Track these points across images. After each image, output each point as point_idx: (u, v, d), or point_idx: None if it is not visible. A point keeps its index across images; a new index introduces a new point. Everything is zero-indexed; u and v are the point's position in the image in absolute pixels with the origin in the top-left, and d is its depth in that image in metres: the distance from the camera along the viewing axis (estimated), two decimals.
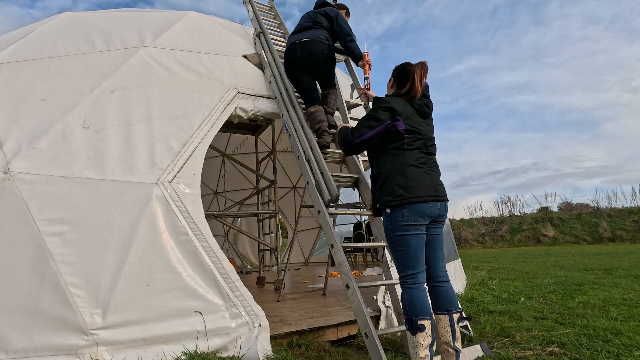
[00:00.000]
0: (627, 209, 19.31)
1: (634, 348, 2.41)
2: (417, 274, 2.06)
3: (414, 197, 2.07)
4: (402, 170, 2.14)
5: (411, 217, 2.06)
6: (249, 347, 2.42)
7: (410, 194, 2.07)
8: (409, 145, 2.17)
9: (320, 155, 2.94)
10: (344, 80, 4.51)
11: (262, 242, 6.18)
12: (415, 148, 2.18)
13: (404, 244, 2.07)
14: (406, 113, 2.20)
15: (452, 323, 2.10)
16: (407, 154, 2.17)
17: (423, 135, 2.22)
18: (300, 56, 3.33)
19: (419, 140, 2.19)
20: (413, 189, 2.08)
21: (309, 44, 3.32)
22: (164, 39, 3.56)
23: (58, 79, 2.99)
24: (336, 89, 3.62)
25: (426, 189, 2.10)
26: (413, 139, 2.18)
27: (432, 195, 2.10)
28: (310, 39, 3.34)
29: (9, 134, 2.63)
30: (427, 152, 2.22)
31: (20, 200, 2.40)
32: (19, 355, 2.18)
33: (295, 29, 3.59)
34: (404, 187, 2.09)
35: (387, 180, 2.16)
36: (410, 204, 2.06)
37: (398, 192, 2.09)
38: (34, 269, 2.30)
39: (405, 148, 2.17)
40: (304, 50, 3.32)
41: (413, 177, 2.11)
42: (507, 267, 8.30)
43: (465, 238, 20.33)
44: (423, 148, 2.20)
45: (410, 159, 2.15)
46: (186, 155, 2.79)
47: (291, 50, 3.37)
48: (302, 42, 3.33)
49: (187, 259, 2.53)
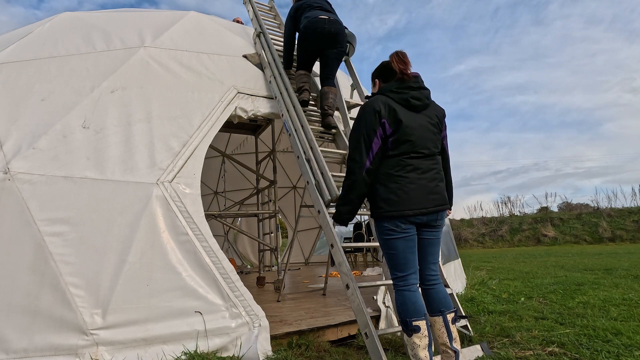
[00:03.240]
0: (627, 209, 19.33)
1: (634, 348, 2.41)
2: (408, 275, 2.00)
3: (394, 210, 1.95)
4: (383, 181, 2.01)
5: (392, 223, 1.97)
6: (249, 347, 2.42)
7: (391, 207, 1.95)
8: (392, 150, 2.01)
9: (321, 155, 2.94)
10: (344, 80, 4.51)
11: (262, 242, 6.18)
12: (401, 153, 2.00)
13: (391, 247, 2.01)
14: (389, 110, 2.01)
15: (447, 324, 2.06)
16: (389, 162, 2.01)
17: (409, 135, 2.00)
18: (327, 30, 3.46)
19: (405, 143, 1.99)
20: (394, 202, 1.95)
21: (336, 23, 3.51)
22: (164, 39, 3.56)
23: (58, 79, 2.99)
24: (336, 88, 3.65)
25: (412, 202, 1.96)
26: (396, 142, 2.00)
27: (419, 209, 1.96)
28: (336, 20, 3.54)
29: (9, 134, 2.63)
30: (418, 154, 2.01)
31: (20, 200, 2.40)
32: (19, 355, 2.18)
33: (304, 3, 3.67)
34: (385, 200, 1.97)
35: (373, 188, 2.06)
36: (391, 218, 1.96)
37: (379, 205, 2.00)
38: (34, 269, 2.30)
39: (390, 155, 2.01)
40: (331, 25, 3.48)
41: (395, 188, 1.97)
42: (507, 267, 8.30)
43: (465, 238, 20.33)
44: (412, 152, 2.00)
45: (392, 167, 2.00)
46: (186, 155, 2.79)
47: (317, 22, 3.48)
48: (331, 19, 3.50)
49: (187, 259, 2.53)
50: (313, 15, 3.52)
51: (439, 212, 2.04)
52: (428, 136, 2.05)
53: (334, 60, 3.60)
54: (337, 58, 3.61)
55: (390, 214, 1.96)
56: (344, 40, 3.57)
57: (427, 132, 2.06)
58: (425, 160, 2.04)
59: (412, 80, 2.08)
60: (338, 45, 3.54)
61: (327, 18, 3.48)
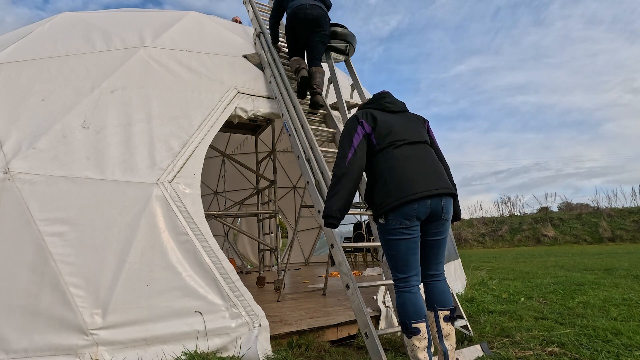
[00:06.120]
0: (627, 209, 19.31)
1: (634, 348, 2.40)
2: (409, 277, 2.00)
3: (396, 200, 1.94)
4: (378, 178, 2.05)
5: (395, 219, 1.96)
6: (249, 347, 2.42)
7: (393, 197, 1.95)
8: (378, 144, 2.08)
9: (321, 155, 2.94)
10: (344, 80, 4.51)
11: (262, 242, 6.18)
12: (388, 144, 2.06)
13: (392, 247, 2.01)
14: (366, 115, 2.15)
15: (437, 320, 2.05)
16: (379, 158, 2.07)
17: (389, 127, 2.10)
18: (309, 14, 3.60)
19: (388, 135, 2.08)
20: (394, 192, 1.96)
21: (316, 7, 3.67)
22: (164, 39, 3.56)
23: (58, 79, 2.99)
24: (322, 67, 3.78)
25: (413, 186, 1.95)
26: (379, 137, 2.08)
27: (421, 192, 1.94)
28: (316, 5, 3.69)
29: (9, 134, 2.63)
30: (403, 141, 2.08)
31: (20, 200, 2.40)
32: (19, 355, 2.18)
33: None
34: (386, 193, 1.99)
35: (371, 189, 2.10)
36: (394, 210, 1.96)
37: (380, 200, 2.01)
38: (34, 269, 2.30)
39: (378, 149, 2.08)
40: (312, 9, 3.62)
41: (392, 179, 1.99)
42: (507, 267, 8.30)
43: (465, 238, 20.32)
44: (397, 141, 2.07)
45: (383, 161, 2.05)
46: (186, 155, 2.79)
47: (299, 8, 3.64)
48: (312, 4, 3.66)
49: (187, 259, 2.53)
50: (296, 4, 3.68)
51: (442, 196, 2.00)
52: (410, 126, 2.17)
53: (318, 43, 3.73)
54: (321, 41, 3.74)
55: (393, 205, 1.94)
56: (326, 23, 3.72)
57: (407, 124, 2.18)
58: (415, 147, 2.10)
59: (384, 94, 2.31)
60: (320, 29, 3.67)
61: (307, 3, 3.64)
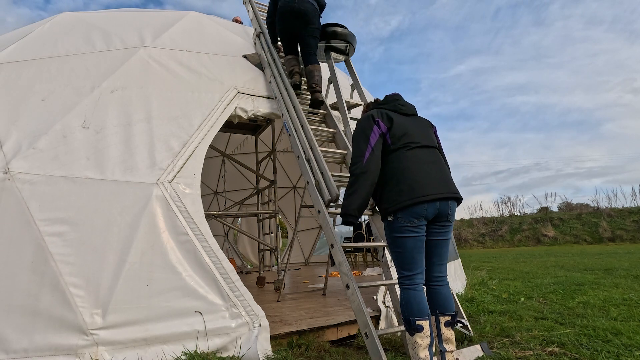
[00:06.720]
0: (627, 209, 19.31)
1: (634, 348, 2.40)
2: (414, 275, 2.04)
3: (408, 199, 2.00)
4: (390, 177, 2.10)
5: (405, 218, 2.02)
6: (249, 347, 2.42)
7: (405, 197, 2.01)
8: (393, 144, 2.13)
9: (321, 155, 2.94)
10: (344, 80, 4.51)
11: (262, 242, 6.18)
12: (402, 145, 2.12)
13: (400, 245, 2.05)
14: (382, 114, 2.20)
15: (438, 325, 2.09)
16: (393, 157, 2.12)
17: (404, 128, 2.16)
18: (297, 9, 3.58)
19: (403, 135, 2.14)
20: (407, 191, 2.02)
21: (305, 2, 3.63)
22: (164, 39, 3.56)
23: (58, 79, 2.99)
24: (318, 64, 3.76)
25: (425, 188, 2.02)
26: (394, 137, 2.14)
27: (433, 194, 2.01)
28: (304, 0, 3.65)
29: (9, 134, 2.63)
30: (418, 144, 2.14)
31: (20, 200, 2.40)
32: (19, 355, 2.18)
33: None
34: (398, 192, 2.04)
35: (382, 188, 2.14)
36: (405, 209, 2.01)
37: (392, 199, 2.05)
38: (34, 269, 2.30)
39: (392, 149, 2.13)
40: (300, 4, 3.60)
41: (405, 179, 2.05)
42: (507, 267, 8.30)
43: (465, 238, 20.32)
44: (412, 143, 2.13)
45: (397, 161, 2.10)
46: (186, 155, 2.79)
47: (287, 2, 3.62)
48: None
49: (187, 259, 2.53)
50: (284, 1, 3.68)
51: (450, 200, 2.09)
52: (422, 130, 2.24)
53: (310, 38, 3.71)
54: (312, 35, 3.72)
55: (405, 204, 2.00)
56: (316, 18, 3.70)
57: (420, 128, 2.25)
58: (427, 151, 2.17)
59: (397, 96, 2.38)
60: (310, 23, 3.65)
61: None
